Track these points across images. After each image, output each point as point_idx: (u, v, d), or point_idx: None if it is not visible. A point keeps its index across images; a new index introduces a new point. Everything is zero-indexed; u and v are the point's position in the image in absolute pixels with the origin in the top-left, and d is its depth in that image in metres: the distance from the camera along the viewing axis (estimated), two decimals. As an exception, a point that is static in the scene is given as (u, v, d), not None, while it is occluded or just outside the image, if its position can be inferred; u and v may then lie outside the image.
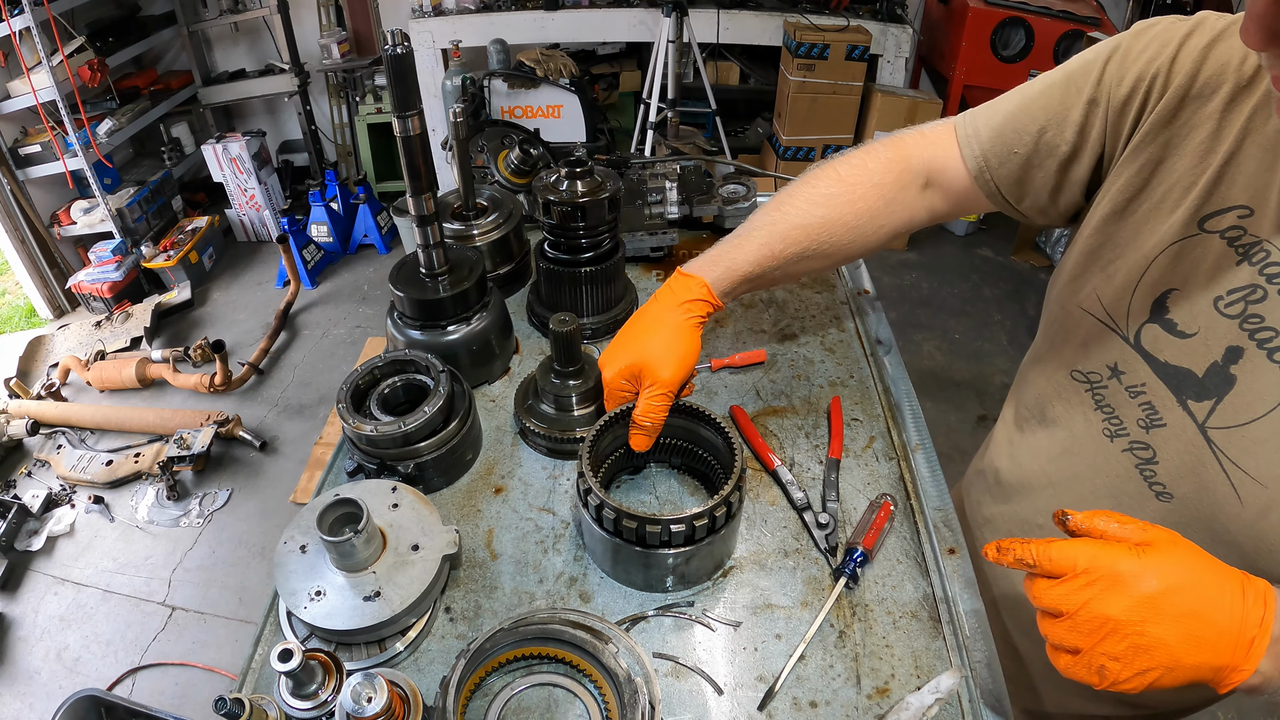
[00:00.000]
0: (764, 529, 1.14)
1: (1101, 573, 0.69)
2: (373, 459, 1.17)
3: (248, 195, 5.47)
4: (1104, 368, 0.98)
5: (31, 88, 4.38)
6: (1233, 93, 0.85)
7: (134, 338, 4.59)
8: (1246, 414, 0.81)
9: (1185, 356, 0.87)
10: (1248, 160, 0.83)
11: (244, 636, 3.00)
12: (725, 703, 0.94)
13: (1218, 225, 0.85)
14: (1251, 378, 0.81)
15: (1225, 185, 0.84)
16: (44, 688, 2.87)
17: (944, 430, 3.78)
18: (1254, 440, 0.81)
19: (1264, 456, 0.80)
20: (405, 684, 0.87)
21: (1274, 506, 0.79)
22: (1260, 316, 0.80)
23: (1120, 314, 0.94)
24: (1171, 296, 0.88)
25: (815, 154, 4.97)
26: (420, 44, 4.88)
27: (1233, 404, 0.83)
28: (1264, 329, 0.80)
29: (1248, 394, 0.81)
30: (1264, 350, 0.80)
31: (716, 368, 1.42)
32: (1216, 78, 0.86)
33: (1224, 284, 0.84)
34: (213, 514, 3.53)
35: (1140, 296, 0.91)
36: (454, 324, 1.33)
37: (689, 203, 1.78)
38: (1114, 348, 0.96)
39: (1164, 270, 0.89)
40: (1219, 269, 0.84)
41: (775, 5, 4.92)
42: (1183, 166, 0.88)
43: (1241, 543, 0.84)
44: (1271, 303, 0.80)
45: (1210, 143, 0.86)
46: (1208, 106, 0.86)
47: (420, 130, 1.14)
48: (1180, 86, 0.87)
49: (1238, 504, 0.83)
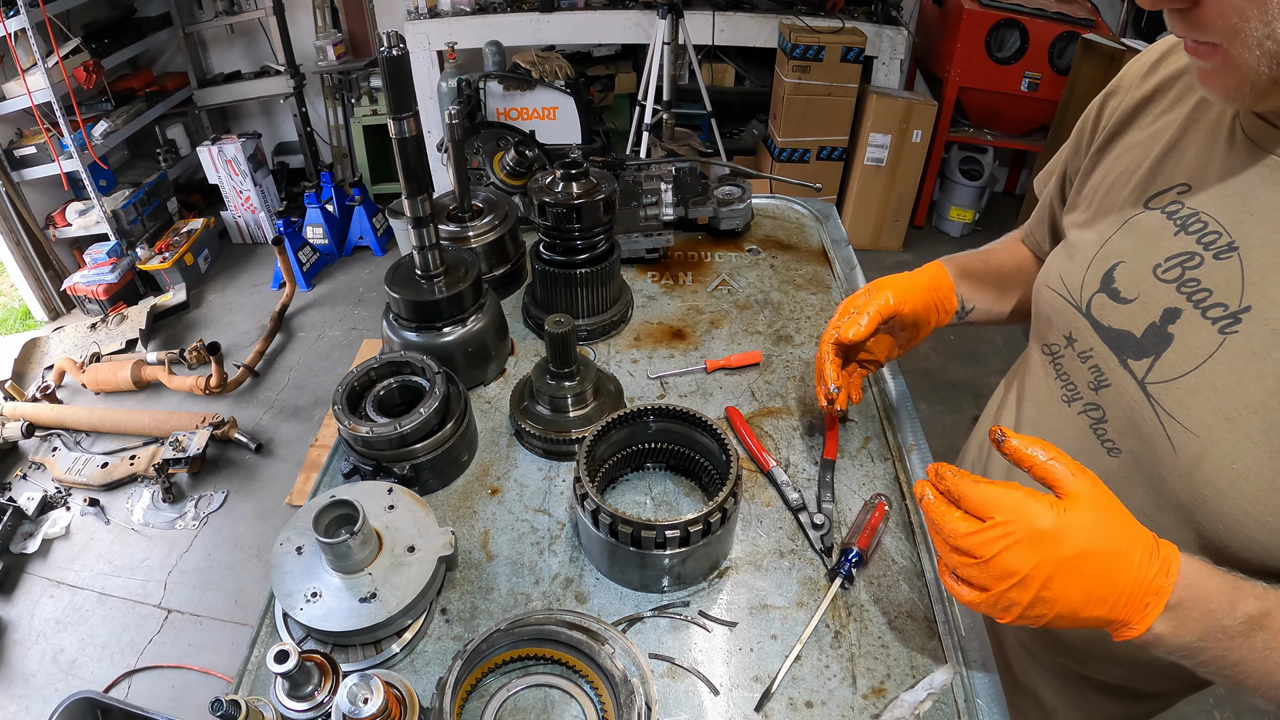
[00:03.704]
0: (760, 530, 1.15)
1: (1020, 526, 0.73)
2: (368, 461, 1.17)
3: (243, 197, 5.45)
4: (1062, 338, 1.05)
5: (27, 89, 4.36)
6: (1180, 93, 0.95)
7: (129, 340, 4.58)
8: (1181, 368, 0.86)
9: (1125, 320, 0.94)
10: (1190, 144, 0.91)
11: (240, 639, 2.99)
12: (721, 703, 0.94)
13: (1160, 203, 0.93)
14: (1187, 335, 0.87)
15: (1169, 167, 0.93)
16: (40, 690, 2.86)
17: (939, 431, 3.79)
18: (1186, 391, 0.86)
19: (1195, 407, 0.84)
20: (401, 685, 0.87)
21: (1205, 455, 0.83)
22: (1197, 280, 0.87)
23: (1075, 288, 1.02)
24: (1118, 269, 0.96)
25: (810, 156, 4.98)
26: (416, 46, 4.87)
27: (1169, 360, 0.88)
28: (1200, 290, 0.86)
29: (1183, 349, 0.87)
30: (1199, 309, 0.86)
31: (711, 369, 1.43)
32: (1169, 82, 0.97)
33: (1161, 252, 0.91)
34: (208, 516, 3.52)
35: (1093, 271, 0.99)
36: (449, 326, 1.33)
37: (684, 204, 1.78)
38: (1070, 318, 1.03)
39: (1115, 246, 0.98)
40: (1157, 239, 0.92)
41: (770, 7, 4.93)
42: (1133, 158, 0.99)
43: (1178, 493, 0.87)
44: (1208, 267, 0.86)
45: (1158, 132, 0.96)
46: (1159, 107, 0.97)
47: (416, 132, 1.14)
48: (1133, 96, 1.01)
49: (1173, 454, 0.87)
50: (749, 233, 1.86)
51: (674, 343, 1.52)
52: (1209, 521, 0.84)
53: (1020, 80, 4.82)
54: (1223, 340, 0.83)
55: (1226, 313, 0.83)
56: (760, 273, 1.72)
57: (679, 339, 1.53)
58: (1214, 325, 0.84)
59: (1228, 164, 0.86)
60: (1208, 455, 0.83)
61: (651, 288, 1.68)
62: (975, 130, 5.23)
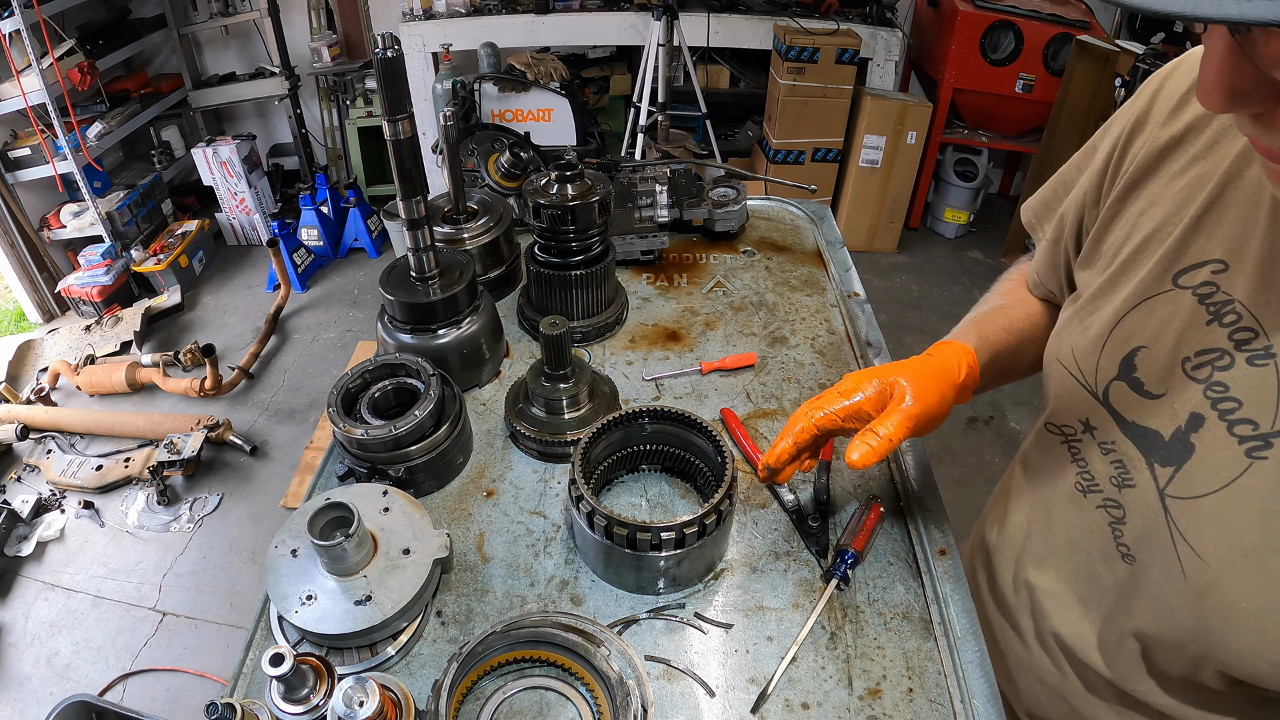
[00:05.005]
0: (755, 531, 1.15)
1: None
2: (363, 463, 1.17)
3: (238, 199, 5.45)
4: (1078, 423, 0.96)
5: (21, 90, 4.35)
6: (1217, 135, 0.80)
7: (124, 342, 4.57)
8: (1202, 486, 0.77)
9: (1153, 417, 0.84)
10: (1228, 209, 0.78)
11: (235, 641, 2.98)
12: (717, 705, 0.94)
13: (1191, 281, 0.80)
14: (1209, 449, 0.77)
15: (1203, 237, 0.80)
16: (34, 694, 2.85)
17: (934, 433, 3.79)
18: (1204, 515, 0.77)
19: (1211, 534, 0.76)
20: (397, 688, 0.87)
21: (1216, 587, 0.76)
22: (1224, 385, 0.76)
23: (1090, 369, 0.92)
24: (1140, 355, 0.85)
25: (805, 157, 4.99)
26: (411, 47, 4.87)
27: (1189, 474, 0.79)
28: (1227, 399, 0.76)
29: (1204, 466, 0.77)
30: (1225, 422, 0.75)
31: (707, 370, 1.43)
32: (1202, 122, 0.81)
33: (1191, 344, 0.80)
34: (203, 519, 3.51)
35: (1109, 352, 0.89)
36: (444, 327, 1.33)
37: (679, 206, 1.78)
38: (1086, 405, 0.94)
39: (1134, 326, 0.86)
40: (1187, 327, 0.80)
41: (765, 9, 4.94)
42: (1161, 215, 0.84)
43: (1184, 618, 0.81)
44: (1238, 371, 0.75)
45: (1190, 189, 0.81)
46: (1190, 151, 0.82)
47: (411, 134, 1.14)
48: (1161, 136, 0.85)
49: (1181, 578, 0.80)
50: (744, 234, 1.86)
51: (669, 344, 1.52)
52: (1212, 650, 0.79)
53: (1015, 82, 4.84)
54: (1249, 465, 0.73)
55: (1255, 432, 0.73)
56: (755, 274, 1.72)
57: (674, 341, 1.53)
58: (1240, 445, 0.74)
59: (1271, 242, 0.73)
60: (1218, 587, 0.76)
61: (647, 289, 1.68)
62: (970, 132, 5.25)
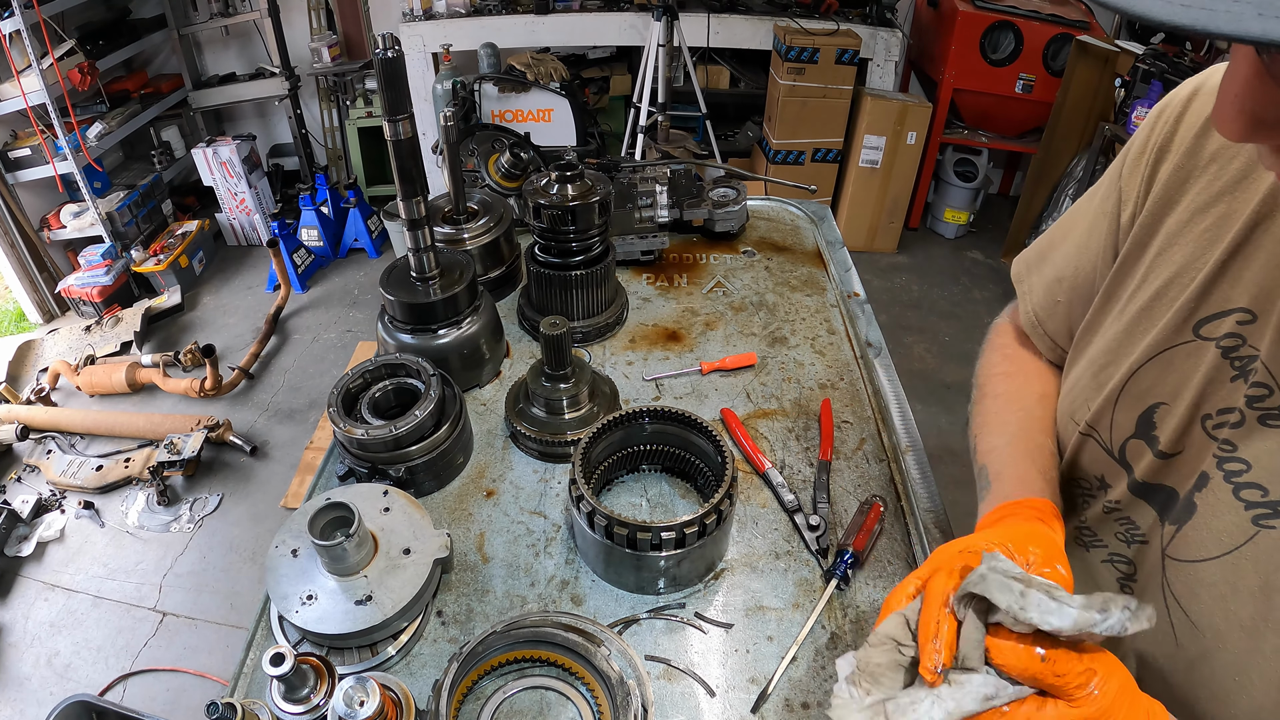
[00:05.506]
0: (755, 531, 1.15)
1: None
2: (364, 463, 1.17)
3: (238, 199, 5.45)
4: (1093, 478, 0.90)
5: (21, 91, 4.35)
6: (1245, 169, 0.72)
7: (124, 342, 4.56)
8: (1201, 551, 0.72)
9: (1169, 476, 0.78)
10: (1256, 253, 0.70)
11: (235, 641, 2.98)
12: (717, 705, 0.94)
13: (1214, 332, 0.73)
14: (1211, 512, 0.71)
15: (1228, 283, 0.72)
16: (34, 694, 2.85)
17: (934, 432, 3.80)
18: (1200, 582, 0.72)
19: (1207, 603, 0.71)
20: (398, 688, 0.87)
21: (1209, 657, 0.71)
22: (1233, 445, 0.70)
23: (1104, 425, 0.85)
24: (1159, 412, 0.78)
25: (805, 157, 4.99)
26: (411, 48, 4.87)
27: (1188, 536, 0.74)
28: (1234, 460, 0.69)
29: (1204, 529, 0.72)
30: (1230, 484, 0.70)
31: (707, 371, 1.43)
32: (1228, 150, 0.74)
33: (1215, 402, 0.73)
34: (203, 519, 3.51)
35: (1125, 409, 0.82)
36: (445, 328, 1.33)
37: (679, 206, 1.79)
38: (1101, 463, 0.88)
39: (1152, 380, 0.79)
40: (1210, 382, 0.73)
41: (765, 9, 4.94)
42: (1182, 258, 0.76)
43: (1175, 685, 0.76)
44: (1248, 430, 0.69)
45: (1215, 230, 0.73)
46: (1216, 184, 0.74)
47: (411, 134, 1.14)
48: (1187, 165, 0.77)
49: (1173, 644, 0.75)
50: (744, 235, 1.87)
51: (669, 345, 1.52)
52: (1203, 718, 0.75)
53: (1014, 82, 4.84)
54: (1254, 534, 0.68)
55: (1264, 499, 0.67)
56: (755, 275, 1.72)
57: (674, 341, 1.53)
58: (1246, 510, 0.68)
59: None
60: (1210, 659, 0.71)
61: (647, 290, 1.68)
62: (970, 132, 5.25)
